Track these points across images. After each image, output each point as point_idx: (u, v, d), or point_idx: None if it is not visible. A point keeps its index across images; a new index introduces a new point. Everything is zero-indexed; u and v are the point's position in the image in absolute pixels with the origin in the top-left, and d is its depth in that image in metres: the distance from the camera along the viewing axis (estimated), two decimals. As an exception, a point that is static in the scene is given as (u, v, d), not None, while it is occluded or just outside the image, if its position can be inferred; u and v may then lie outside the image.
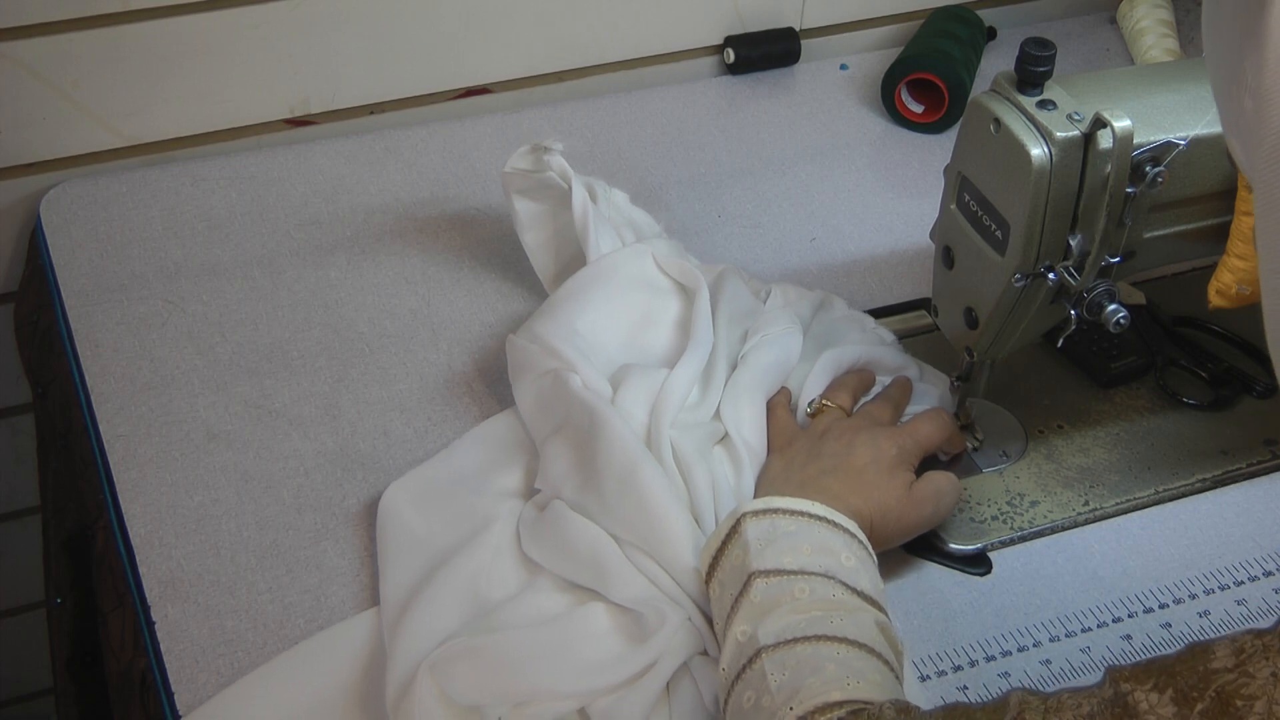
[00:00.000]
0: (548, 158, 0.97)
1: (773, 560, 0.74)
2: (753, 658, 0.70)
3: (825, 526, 0.77)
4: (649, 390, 0.87)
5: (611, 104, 1.27)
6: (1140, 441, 0.97)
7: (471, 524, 0.85)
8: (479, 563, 0.82)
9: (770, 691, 0.67)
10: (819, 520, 0.77)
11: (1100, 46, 1.41)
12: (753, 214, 1.16)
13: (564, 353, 0.89)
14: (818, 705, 0.65)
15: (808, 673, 0.67)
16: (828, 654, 0.68)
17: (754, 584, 0.73)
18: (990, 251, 0.85)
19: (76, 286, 1.04)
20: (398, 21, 1.18)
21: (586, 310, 0.93)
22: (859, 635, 0.70)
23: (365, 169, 1.17)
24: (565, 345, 0.89)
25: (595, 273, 0.94)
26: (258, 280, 1.05)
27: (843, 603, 0.72)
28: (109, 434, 0.92)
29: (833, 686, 0.66)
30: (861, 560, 0.76)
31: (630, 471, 0.81)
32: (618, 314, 0.94)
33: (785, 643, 0.69)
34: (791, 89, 1.32)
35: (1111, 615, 0.86)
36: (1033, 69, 0.81)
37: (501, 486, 0.88)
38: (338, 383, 0.97)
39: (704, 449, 0.86)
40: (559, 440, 0.86)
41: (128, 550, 0.86)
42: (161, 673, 0.79)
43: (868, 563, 0.77)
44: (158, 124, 1.16)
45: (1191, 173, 0.84)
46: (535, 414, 0.90)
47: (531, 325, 0.92)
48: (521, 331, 0.93)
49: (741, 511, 0.77)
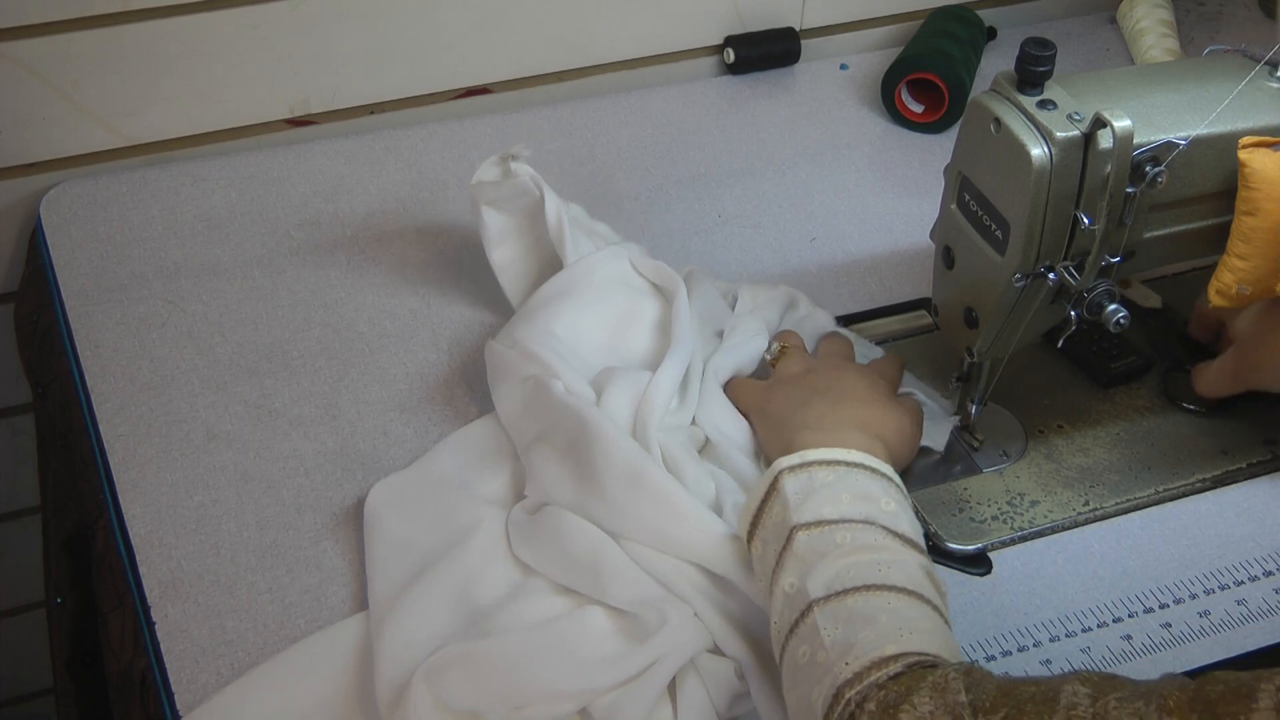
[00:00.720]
0: (515, 165, 0.95)
1: (812, 512, 0.74)
2: (804, 611, 0.70)
3: (861, 473, 0.77)
4: (633, 393, 0.87)
5: (611, 104, 1.27)
6: (1140, 441, 0.97)
7: (456, 528, 0.85)
8: (467, 567, 0.82)
9: (825, 647, 0.68)
10: (855, 467, 0.77)
11: (1100, 46, 1.41)
12: (753, 214, 1.16)
13: (544, 357, 0.88)
14: (874, 660, 0.66)
15: (860, 625, 0.68)
16: (879, 605, 0.69)
17: (796, 537, 0.74)
18: (990, 251, 0.85)
19: (76, 286, 1.04)
20: (398, 21, 1.18)
21: (565, 313, 0.92)
22: (906, 581, 0.71)
23: (365, 169, 1.17)
24: (545, 350, 0.88)
25: (573, 275, 0.94)
26: (258, 280, 1.05)
27: (887, 547, 0.73)
28: (109, 434, 0.92)
29: (887, 640, 0.67)
30: (900, 504, 0.77)
31: (637, 471, 0.81)
32: (596, 316, 0.93)
33: (836, 595, 0.70)
34: (791, 89, 1.32)
35: (1111, 615, 0.86)
36: (1033, 69, 0.81)
37: (484, 492, 0.88)
38: (338, 383, 0.97)
39: (690, 451, 0.86)
40: (545, 446, 0.86)
41: (128, 550, 0.86)
42: (161, 673, 0.79)
43: (905, 505, 0.77)
44: (157, 124, 1.16)
45: (1191, 173, 0.84)
46: (517, 420, 0.89)
47: (510, 330, 0.92)
48: (500, 336, 0.92)
49: (780, 468, 0.77)
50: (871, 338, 1.04)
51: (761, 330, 0.95)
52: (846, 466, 0.77)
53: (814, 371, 0.89)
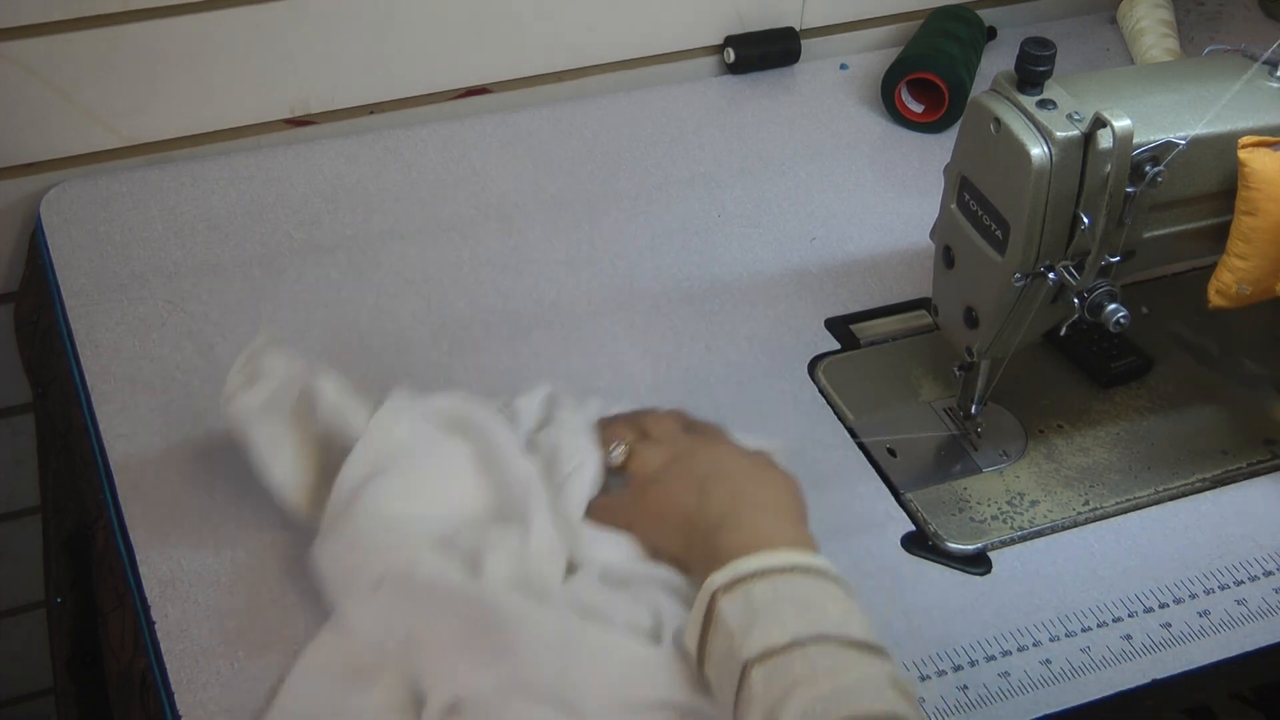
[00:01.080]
0: (261, 360, 0.84)
1: (760, 641, 0.70)
2: None
3: (798, 577, 0.73)
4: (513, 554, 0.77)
5: (611, 104, 1.27)
6: (1140, 441, 0.97)
7: None
8: None
9: None
10: (789, 572, 0.73)
11: (1100, 46, 1.41)
12: (753, 214, 1.16)
13: (392, 548, 0.77)
14: None
15: None
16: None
17: (751, 675, 0.69)
18: (990, 251, 0.85)
19: (76, 286, 1.04)
20: (398, 21, 1.18)
21: (384, 492, 0.79)
22: (876, 701, 0.68)
23: (365, 169, 1.17)
24: (387, 539, 0.77)
25: (370, 448, 0.81)
26: (258, 280, 1.05)
27: (847, 666, 0.69)
28: (109, 434, 0.92)
29: None
30: (843, 600, 0.72)
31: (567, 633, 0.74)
32: (419, 481, 0.81)
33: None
34: (791, 89, 1.32)
35: (1111, 615, 0.86)
36: (1033, 69, 0.81)
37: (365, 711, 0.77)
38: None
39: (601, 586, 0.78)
40: (432, 645, 0.76)
41: (128, 550, 0.86)
42: (161, 673, 0.79)
43: (848, 598, 0.73)
44: (157, 124, 1.16)
45: (1191, 173, 0.84)
46: (383, 626, 0.77)
47: (334, 534, 0.79)
48: (325, 545, 0.79)
49: (713, 588, 0.73)
50: (872, 337, 1.04)
51: (585, 442, 0.84)
52: (781, 574, 0.73)
53: (679, 460, 0.82)
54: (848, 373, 1.01)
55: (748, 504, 0.78)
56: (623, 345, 1.02)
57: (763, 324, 1.05)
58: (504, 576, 0.76)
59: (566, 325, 1.04)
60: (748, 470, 0.80)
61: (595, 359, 1.01)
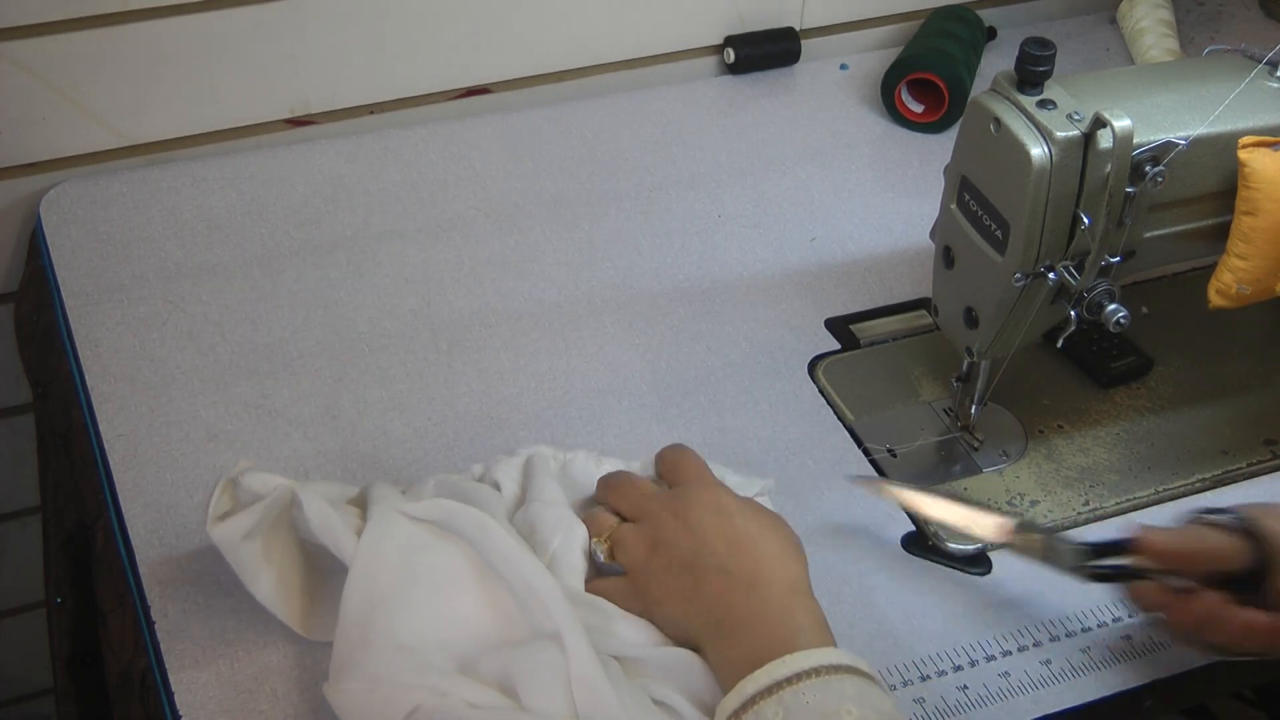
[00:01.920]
0: (245, 483, 0.78)
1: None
2: None
3: (803, 684, 0.68)
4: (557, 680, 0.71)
5: (611, 104, 1.27)
6: (1140, 441, 0.97)
7: None
8: None
9: None
10: (791, 683, 0.68)
11: (1100, 46, 1.41)
12: (753, 214, 1.16)
13: (421, 682, 0.72)
14: None
15: None
16: None
17: None
18: (990, 251, 0.85)
19: (76, 286, 1.04)
20: (398, 21, 1.18)
21: (397, 618, 0.74)
22: None
23: (365, 169, 1.17)
24: (414, 672, 0.72)
25: (368, 570, 0.76)
26: (258, 280, 1.05)
27: None
28: (109, 434, 0.92)
29: None
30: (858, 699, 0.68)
31: None
32: (429, 602, 0.76)
33: None
34: (791, 89, 1.32)
35: (1111, 615, 0.85)
36: (1033, 69, 0.81)
37: None
38: (337, 383, 0.97)
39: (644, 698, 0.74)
40: None
41: (128, 550, 0.86)
42: (161, 673, 0.79)
43: (863, 691, 0.68)
44: (158, 124, 1.16)
45: (1191, 173, 0.84)
46: None
47: (352, 667, 0.73)
48: (342, 680, 0.74)
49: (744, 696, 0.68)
50: (872, 337, 1.04)
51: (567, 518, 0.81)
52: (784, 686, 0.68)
53: (661, 546, 0.77)
54: (848, 373, 1.01)
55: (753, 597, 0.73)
56: (622, 345, 1.02)
57: (763, 324, 1.05)
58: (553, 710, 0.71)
59: (566, 325, 1.04)
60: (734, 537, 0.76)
61: (595, 359, 1.01)
